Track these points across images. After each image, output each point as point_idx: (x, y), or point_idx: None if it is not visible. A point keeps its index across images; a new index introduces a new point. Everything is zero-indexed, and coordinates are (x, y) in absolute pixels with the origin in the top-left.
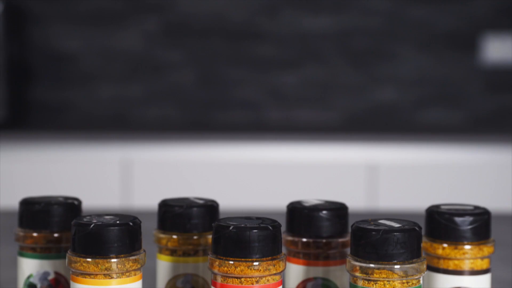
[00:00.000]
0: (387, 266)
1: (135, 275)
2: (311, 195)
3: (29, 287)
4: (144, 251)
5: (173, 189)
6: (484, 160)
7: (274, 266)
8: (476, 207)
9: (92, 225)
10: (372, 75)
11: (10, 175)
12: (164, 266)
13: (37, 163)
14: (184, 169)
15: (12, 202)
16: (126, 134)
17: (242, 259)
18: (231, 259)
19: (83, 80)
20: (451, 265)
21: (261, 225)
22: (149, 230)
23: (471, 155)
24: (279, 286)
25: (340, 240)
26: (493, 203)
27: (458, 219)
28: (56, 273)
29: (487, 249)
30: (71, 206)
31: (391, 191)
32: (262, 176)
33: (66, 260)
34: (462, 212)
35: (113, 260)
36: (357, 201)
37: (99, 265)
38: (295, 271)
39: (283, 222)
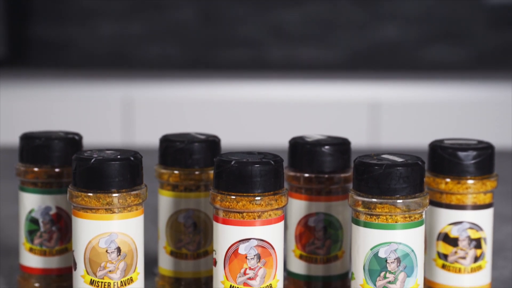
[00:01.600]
0: (390, 200)
1: (136, 210)
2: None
3: (31, 221)
4: (146, 186)
5: (175, 128)
6: (487, 98)
7: (276, 201)
8: (480, 142)
9: (93, 160)
10: (375, 13)
11: (10, 112)
12: (165, 201)
13: (37, 101)
14: (185, 107)
15: (13, 139)
16: (127, 72)
17: (244, 194)
18: (233, 194)
19: (84, 17)
20: (453, 200)
21: (263, 160)
22: (151, 167)
23: (474, 92)
24: (281, 221)
25: (343, 175)
26: (497, 139)
27: (461, 154)
28: (58, 208)
29: (490, 184)
30: (72, 141)
31: (393, 129)
32: (264, 115)
33: (67, 195)
34: (465, 147)
35: (114, 194)
36: (359, 139)
37: (100, 200)
38: (297, 207)
39: (285, 159)
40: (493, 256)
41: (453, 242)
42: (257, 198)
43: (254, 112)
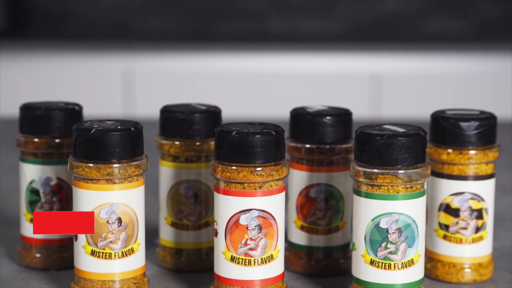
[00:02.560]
0: (391, 171)
1: (137, 180)
2: None
3: (32, 192)
4: (146, 156)
5: (176, 99)
6: (490, 69)
7: (277, 171)
8: (482, 112)
9: (93, 130)
10: None
11: (10, 84)
12: (166, 172)
13: (37, 72)
14: (186, 79)
15: (13, 110)
16: (128, 43)
17: (245, 165)
18: (234, 164)
19: None
20: (455, 170)
21: (264, 130)
22: (151, 138)
23: (476, 63)
24: (282, 192)
25: (344, 146)
26: (499, 110)
27: (463, 124)
28: (58, 178)
29: (492, 154)
30: (72, 111)
31: (395, 101)
32: (266, 86)
33: (68, 166)
34: (467, 117)
35: (115, 165)
36: (361, 111)
37: (101, 171)
38: (298, 177)
39: (286, 130)
40: (494, 226)
41: (455, 212)
42: (258, 168)
43: (255, 83)
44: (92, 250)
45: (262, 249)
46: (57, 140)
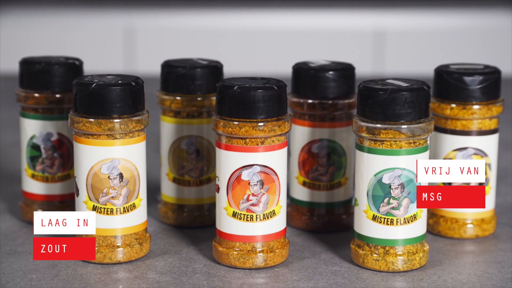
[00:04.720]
0: (394, 126)
1: (138, 135)
2: None
3: (33, 148)
4: (147, 111)
5: (177, 56)
6: (495, 24)
7: (279, 127)
8: (486, 66)
9: (93, 85)
10: None
11: (10, 40)
12: (168, 127)
13: (38, 28)
14: (188, 35)
15: (13, 67)
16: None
17: (247, 120)
18: (235, 119)
19: None
20: (458, 125)
21: (266, 85)
22: (153, 94)
23: (482, 19)
24: (284, 147)
25: (347, 101)
26: (504, 66)
27: (467, 79)
28: (59, 134)
29: (495, 109)
30: (72, 66)
31: (398, 58)
32: (268, 43)
33: (69, 121)
34: (471, 71)
35: (115, 120)
36: (364, 68)
37: (102, 126)
38: (300, 133)
39: (289, 85)
40: (496, 182)
41: None
42: (260, 123)
43: (258, 40)
44: (94, 205)
45: (264, 205)
46: (57, 95)
